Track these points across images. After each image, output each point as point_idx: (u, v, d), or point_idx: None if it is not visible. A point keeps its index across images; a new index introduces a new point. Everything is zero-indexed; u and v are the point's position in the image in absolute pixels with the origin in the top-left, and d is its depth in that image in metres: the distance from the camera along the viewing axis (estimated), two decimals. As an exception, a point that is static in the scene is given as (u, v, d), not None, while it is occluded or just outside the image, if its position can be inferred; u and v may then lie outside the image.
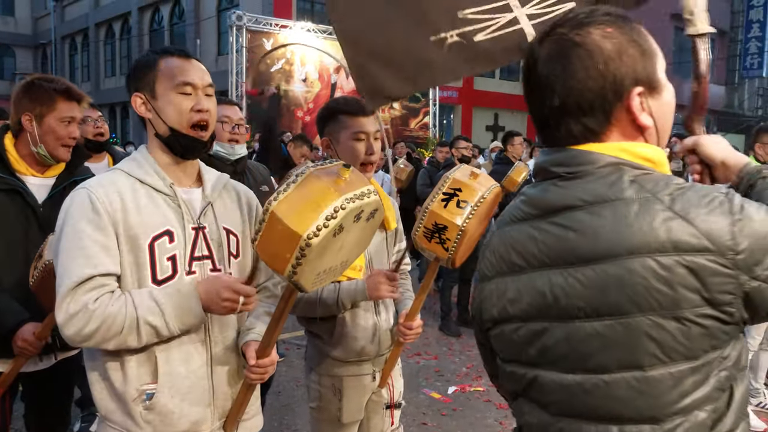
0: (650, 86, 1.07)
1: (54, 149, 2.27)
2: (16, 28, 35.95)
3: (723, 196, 0.98)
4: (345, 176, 1.38)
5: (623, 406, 1.00)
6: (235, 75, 15.36)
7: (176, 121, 1.62)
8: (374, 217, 1.49)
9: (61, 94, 2.25)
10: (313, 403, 2.30)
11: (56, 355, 2.34)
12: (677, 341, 0.96)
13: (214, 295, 1.55)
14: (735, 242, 0.94)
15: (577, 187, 1.05)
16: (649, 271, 0.96)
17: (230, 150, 2.81)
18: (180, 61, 1.65)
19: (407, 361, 5.25)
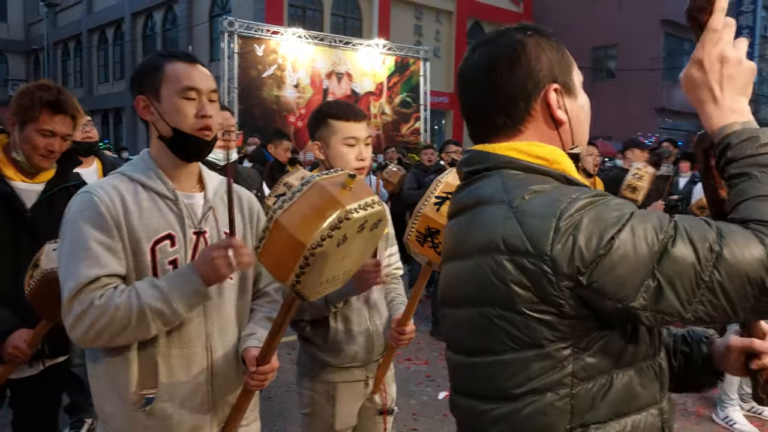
0: (566, 88, 1.18)
1: (30, 157, 2.25)
2: (8, 34, 35.83)
3: (566, 203, 1.00)
4: (350, 186, 1.39)
5: (486, 385, 1.11)
6: (227, 81, 15.35)
7: (179, 125, 1.63)
8: (378, 227, 1.51)
9: (46, 106, 2.20)
10: (306, 410, 2.29)
11: (44, 362, 2.33)
12: (520, 330, 1.04)
13: (207, 261, 1.55)
14: (551, 247, 0.99)
15: (472, 189, 1.17)
16: (489, 268, 1.06)
17: (221, 155, 2.82)
18: (186, 66, 1.66)
19: (398, 366, 5.24)
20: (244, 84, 15.91)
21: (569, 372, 1.04)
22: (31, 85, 2.25)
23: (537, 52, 1.16)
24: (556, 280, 0.99)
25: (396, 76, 19.14)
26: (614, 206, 1.00)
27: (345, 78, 18.16)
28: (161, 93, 1.63)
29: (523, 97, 1.15)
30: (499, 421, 1.10)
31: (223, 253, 1.54)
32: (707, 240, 0.93)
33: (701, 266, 0.93)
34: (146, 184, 1.64)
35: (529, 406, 1.06)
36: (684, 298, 0.94)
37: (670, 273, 0.94)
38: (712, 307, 0.94)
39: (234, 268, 1.57)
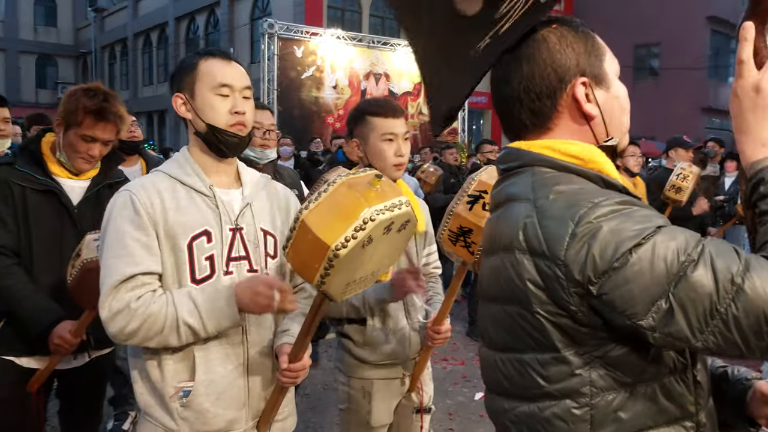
0: (596, 79, 1.14)
1: (71, 159, 2.32)
2: (58, 39, 36.97)
3: (586, 208, 0.98)
4: (376, 186, 1.36)
5: (509, 383, 1.11)
6: (267, 82, 15.52)
7: (214, 122, 1.66)
8: (406, 228, 1.47)
9: (89, 114, 2.24)
10: (343, 405, 2.31)
11: (90, 354, 2.40)
12: (537, 331, 1.03)
13: (250, 292, 1.56)
14: (565, 252, 0.97)
15: (505, 186, 1.16)
16: (512, 266, 1.05)
17: (261, 154, 2.85)
18: (220, 62, 1.68)
19: (434, 366, 5.21)
20: (283, 85, 16.06)
21: (587, 380, 1.02)
22: (79, 88, 2.30)
23: (561, 46, 1.13)
24: (567, 285, 0.98)
25: (434, 76, 19.08)
26: (638, 218, 0.96)
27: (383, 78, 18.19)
28: (196, 90, 1.66)
29: (548, 94, 1.13)
30: (519, 422, 1.09)
31: (270, 294, 1.54)
32: (730, 271, 0.89)
33: (718, 297, 0.89)
34: (184, 181, 1.67)
35: (547, 409, 1.05)
36: (695, 326, 0.90)
37: (684, 298, 0.90)
38: (723, 340, 0.90)
39: (272, 310, 1.59)
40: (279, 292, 1.55)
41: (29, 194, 2.26)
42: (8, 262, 2.21)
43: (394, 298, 2.13)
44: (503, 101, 1.18)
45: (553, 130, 1.15)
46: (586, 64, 1.13)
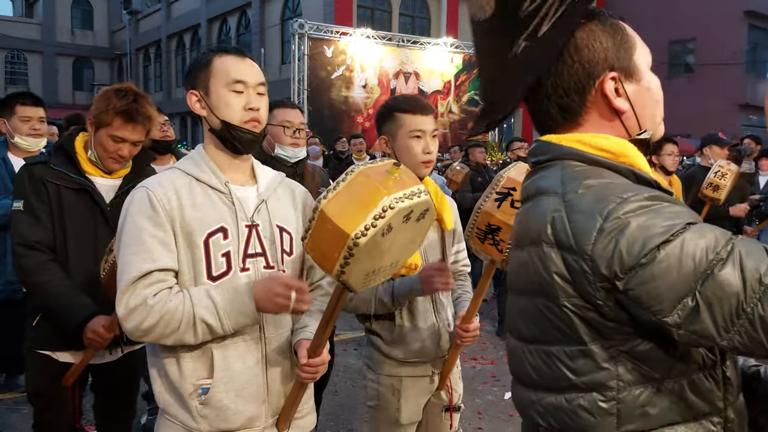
0: (626, 73, 1.13)
1: (102, 159, 2.36)
2: (94, 41, 37.80)
3: (615, 203, 0.97)
4: (395, 175, 1.35)
5: (537, 374, 1.11)
6: (297, 82, 15.64)
7: (228, 118, 1.65)
8: (425, 217, 1.45)
9: (119, 114, 2.27)
10: (372, 402, 2.31)
11: (123, 348, 2.44)
12: (564, 324, 1.04)
13: (267, 292, 1.56)
14: (592, 247, 0.97)
15: (535, 179, 1.16)
16: (539, 259, 1.06)
17: (291, 153, 2.86)
18: (234, 59, 1.67)
19: (463, 365, 5.19)
20: (313, 85, 16.18)
21: (614, 374, 1.02)
22: (111, 89, 2.33)
23: (589, 41, 1.11)
24: (593, 280, 0.98)
25: (464, 74, 19.02)
26: (667, 214, 0.95)
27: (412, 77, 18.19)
28: (210, 87, 1.66)
29: (577, 90, 1.12)
30: (546, 413, 1.10)
31: (287, 294, 1.54)
32: (759, 271, 0.88)
33: (745, 296, 0.88)
34: (199, 178, 1.66)
35: (574, 401, 1.05)
36: (721, 325, 0.90)
37: (711, 296, 0.90)
38: (749, 339, 0.89)
39: (288, 311, 1.57)
40: (296, 292, 1.54)
41: (64, 192, 2.31)
42: (44, 258, 2.27)
43: (423, 292, 2.13)
44: (533, 97, 1.17)
45: (583, 125, 1.14)
46: (615, 58, 1.12)
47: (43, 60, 35.51)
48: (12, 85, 33.18)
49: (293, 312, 1.59)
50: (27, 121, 3.24)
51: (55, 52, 35.56)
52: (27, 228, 2.27)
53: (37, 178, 2.29)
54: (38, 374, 2.40)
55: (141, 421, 3.82)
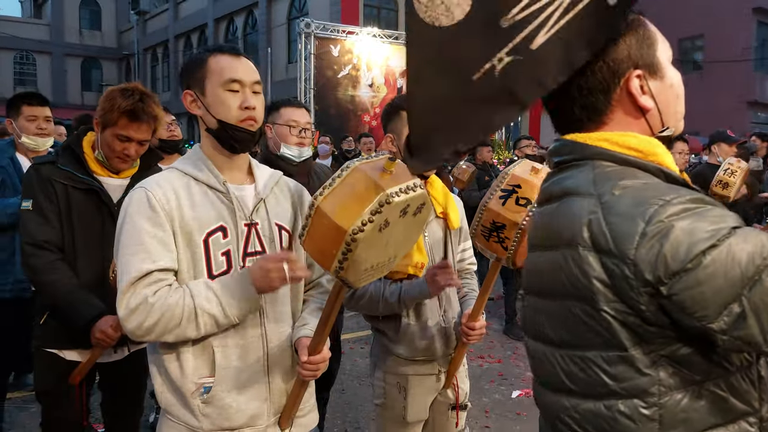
0: (650, 70, 1.11)
1: (109, 158, 2.37)
2: (102, 42, 37.95)
3: (657, 206, 0.95)
4: (390, 170, 1.35)
5: (571, 379, 1.08)
6: (304, 82, 15.64)
7: (224, 117, 1.65)
8: (421, 211, 1.46)
9: (124, 114, 2.29)
10: (378, 400, 2.31)
11: (129, 347, 2.46)
12: (603, 328, 1.00)
13: (261, 270, 1.56)
14: (635, 251, 0.95)
15: (560, 179, 1.13)
16: (574, 262, 1.02)
17: (297, 153, 2.86)
18: (229, 58, 1.67)
19: (471, 364, 5.20)
20: (320, 84, 16.16)
21: (656, 380, 1.00)
22: (117, 88, 2.34)
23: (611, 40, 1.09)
24: (636, 284, 0.95)
25: (470, 73, 18.97)
26: (712, 218, 0.93)
27: (419, 76, 18.15)
28: (206, 86, 1.66)
29: (602, 89, 1.10)
30: (583, 419, 1.07)
31: (279, 266, 1.54)
32: None
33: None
34: (198, 178, 1.67)
35: (613, 407, 1.02)
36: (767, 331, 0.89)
37: (759, 303, 0.89)
38: None
39: (287, 282, 1.57)
40: (287, 263, 1.54)
41: (72, 192, 2.33)
42: (53, 258, 2.28)
43: (429, 294, 2.13)
44: (554, 97, 1.16)
45: (608, 124, 1.13)
46: (639, 56, 1.10)
47: (52, 60, 35.68)
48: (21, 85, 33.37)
49: (291, 281, 1.57)
50: (33, 121, 3.26)
51: (64, 53, 35.73)
52: (35, 227, 2.28)
53: (45, 178, 2.31)
54: (46, 372, 2.41)
55: (149, 419, 3.84)
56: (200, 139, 1.75)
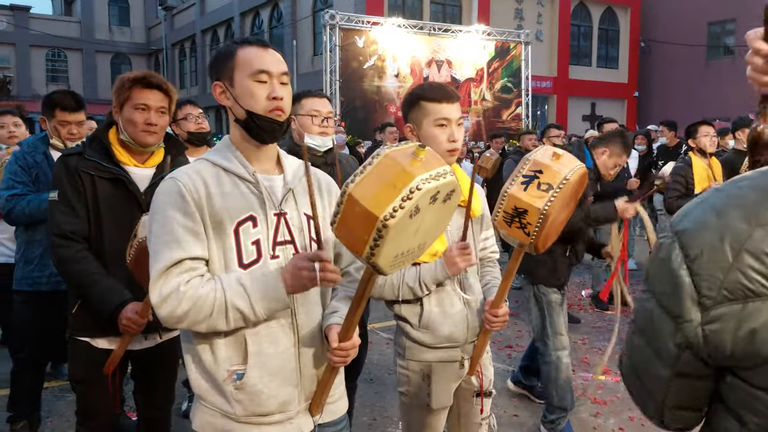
0: None
1: (134, 135, 2.41)
2: (131, 38, 38.52)
3: None
4: (420, 156, 1.36)
5: None
6: (329, 74, 15.67)
7: (252, 108, 1.67)
8: (451, 198, 1.46)
9: (135, 83, 2.37)
10: (402, 388, 2.32)
11: (161, 335, 2.51)
12: None
13: (293, 269, 1.58)
14: None
15: None
16: None
17: (320, 142, 2.88)
18: (257, 49, 1.69)
19: (498, 353, 5.20)
20: (345, 76, 16.19)
21: None
22: (120, 76, 2.45)
23: None
24: None
25: (496, 61, 18.82)
26: None
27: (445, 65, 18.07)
28: (235, 78, 1.68)
29: None
30: None
31: (310, 266, 1.55)
32: None
33: None
34: (227, 168, 1.69)
35: None
36: None
37: None
38: None
39: (317, 283, 1.58)
40: (319, 262, 1.56)
41: (99, 182, 2.37)
42: (79, 247, 2.34)
43: (449, 274, 2.13)
44: None
45: None
46: None
47: (83, 57, 36.33)
48: (53, 82, 34.08)
49: (322, 283, 1.59)
50: (65, 125, 3.33)
51: (94, 50, 36.35)
52: (62, 218, 2.34)
53: (73, 169, 2.36)
54: (79, 361, 2.47)
55: (182, 407, 3.91)
56: (229, 131, 1.78)
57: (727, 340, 0.85)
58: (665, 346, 0.92)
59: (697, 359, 0.90)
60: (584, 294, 7.31)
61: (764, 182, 0.85)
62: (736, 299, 0.84)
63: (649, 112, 25.59)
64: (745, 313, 0.83)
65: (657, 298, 0.94)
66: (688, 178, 4.94)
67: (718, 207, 0.88)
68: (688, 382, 0.94)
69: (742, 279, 0.83)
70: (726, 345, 0.85)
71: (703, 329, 0.87)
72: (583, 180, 1.98)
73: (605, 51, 27.53)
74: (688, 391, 0.96)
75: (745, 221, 0.84)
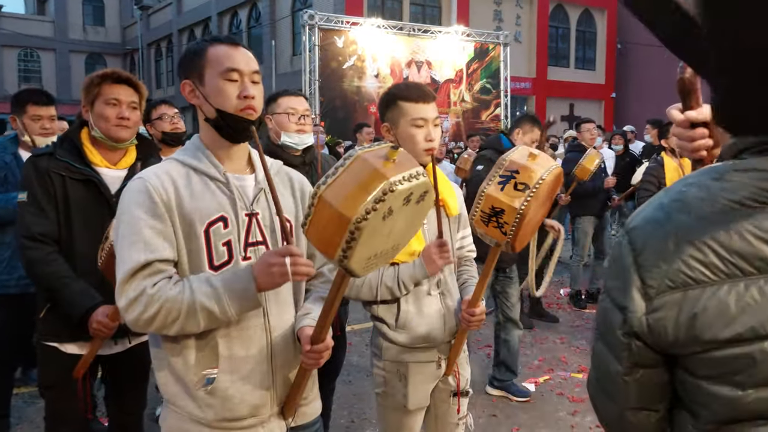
0: None
1: (107, 130, 2.37)
2: (106, 37, 38.05)
3: None
4: (393, 158, 1.34)
5: None
6: (309, 74, 15.62)
7: (223, 107, 1.64)
8: (424, 199, 1.45)
9: (105, 79, 2.35)
10: (379, 389, 2.30)
11: (130, 339, 2.46)
12: None
13: (263, 265, 1.55)
14: None
15: None
16: None
17: (298, 140, 2.86)
18: (227, 48, 1.66)
19: (477, 353, 5.20)
20: (325, 76, 16.14)
21: None
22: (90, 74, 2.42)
23: None
24: None
25: (475, 62, 18.88)
26: None
27: (424, 66, 18.09)
28: (205, 76, 1.65)
29: None
30: None
31: (281, 261, 1.52)
32: None
33: None
34: (197, 168, 1.65)
35: None
36: None
37: None
38: None
39: (288, 278, 1.55)
40: (290, 257, 1.53)
41: (70, 183, 2.32)
42: (49, 250, 2.28)
43: (428, 273, 2.12)
44: None
45: None
46: None
47: (56, 57, 35.78)
48: (25, 82, 33.53)
49: (294, 277, 1.56)
50: (38, 120, 3.27)
51: (68, 49, 35.83)
52: (32, 220, 2.29)
53: (43, 169, 2.30)
54: (48, 366, 2.42)
55: (156, 412, 3.83)
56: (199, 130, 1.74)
57: (669, 326, 0.89)
58: (615, 339, 0.96)
59: (645, 347, 0.94)
60: (562, 293, 7.36)
61: (704, 179, 0.91)
62: (678, 287, 0.88)
63: (626, 112, 25.92)
64: (686, 300, 0.87)
65: (609, 295, 0.97)
66: (660, 179, 4.98)
67: (664, 204, 0.93)
68: (642, 374, 0.97)
69: (683, 267, 0.87)
70: (669, 332, 0.90)
71: (647, 318, 0.91)
72: (559, 180, 1.99)
73: (583, 52, 27.82)
74: (642, 385, 0.99)
75: (686, 214, 0.89)
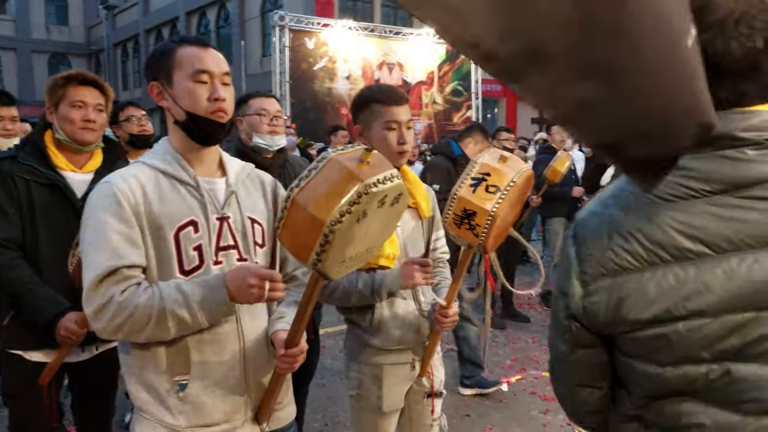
0: None
1: (72, 133, 2.32)
2: (70, 37, 37.26)
3: None
4: (367, 160, 1.34)
5: None
6: (279, 75, 15.52)
7: (193, 109, 1.61)
8: (399, 201, 1.45)
9: (70, 81, 2.31)
10: (353, 392, 2.30)
11: (97, 346, 2.41)
12: None
13: (241, 282, 1.52)
14: None
15: None
16: None
17: (270, 141, 2.83)
18: (197, 49, 1.63)
19: (451, 354, 5.22)
20: (295, 77, 16.06)
21: None
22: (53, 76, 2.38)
23: None
24: None
25: (447, 64, 18.97)
26: None
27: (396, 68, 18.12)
28: (173, 78, 1.61)
29: None
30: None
31: (261, 285, 1.51)
32: None
33: None
34: (166, 171, 1.62)
35: None
36: None
37: None
38: None
39: (263, 300, 1.55)
40: (269, 282, 1.52)
41: (34, 188, 2.26)
42: (13, 255, 2.22)
43: (404, 286, 2.12)
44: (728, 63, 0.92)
45: None
46: None
47: (18, 57, 34.92)
48: (-13, 83, 32.69)
49: (268, 301, 1.56)
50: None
51: (30, 49, 35.00)
52: None
53: (6, 173, 2.24)
54: (11, 375, 2.36)
55: (125, 419, 3.77)
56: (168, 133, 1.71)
57: (601, 309, 0.99)
58: (560, 322, 1.07)
59: (583, 329, 1.04)
60: (533, 292, 7.43)
61: None
62: (608, 274, 0.97)
63: (594, 114, 26.28)
64: (615, 285, 0.96)
65: (558, 283, 1.07)
66: (628, 179, 5.10)
67: (603, 200, 1.04)
68: (582, 354, 1.08)
69: (613, 256, 0.96)
70: (601, 314, 0.99)
71: (584, 301, 1.01)
72: (530, 182, 2.01)
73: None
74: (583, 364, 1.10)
75: (618, 208, 0.99)
